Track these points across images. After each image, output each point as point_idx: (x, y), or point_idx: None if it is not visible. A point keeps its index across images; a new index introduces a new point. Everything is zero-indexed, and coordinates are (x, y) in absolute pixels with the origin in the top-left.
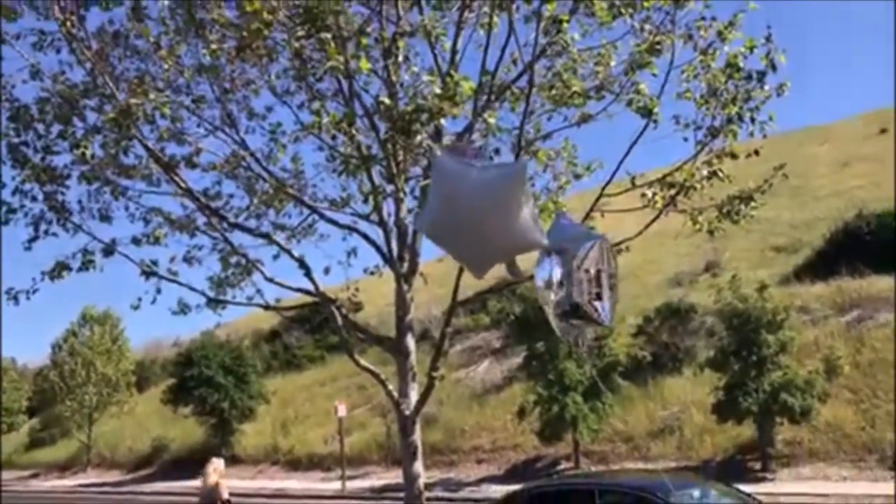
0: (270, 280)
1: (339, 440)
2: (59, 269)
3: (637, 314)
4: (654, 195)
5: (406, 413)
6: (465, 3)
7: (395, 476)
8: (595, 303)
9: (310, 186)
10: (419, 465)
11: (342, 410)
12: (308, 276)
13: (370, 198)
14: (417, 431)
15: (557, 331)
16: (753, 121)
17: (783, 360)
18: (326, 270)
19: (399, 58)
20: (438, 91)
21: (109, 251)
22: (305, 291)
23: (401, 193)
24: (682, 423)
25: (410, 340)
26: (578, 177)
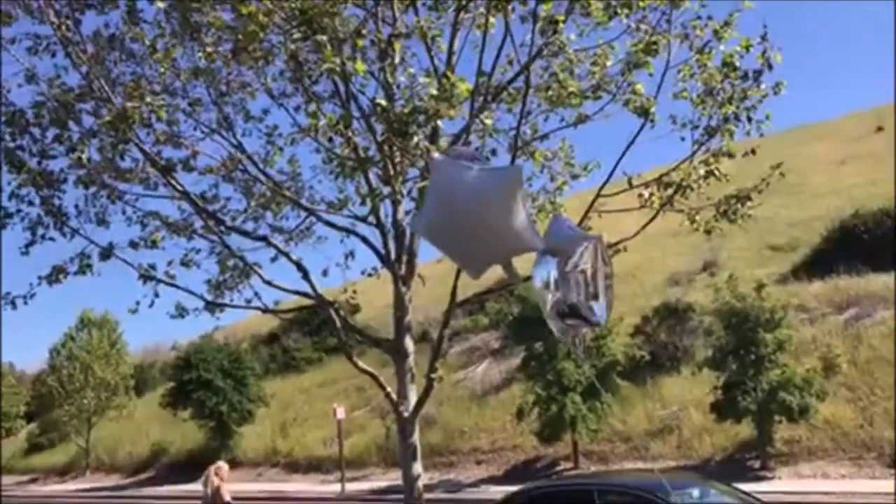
0: (268, 283)
1: (339, 442)
2: (57, 274)
3: (635, 314)
4: (652, 195)
5: (405, 415)
6: (461, 4)
7: (395, 478)
8: (591, 303)
9: (307, 189)
10: (418, 467)
11: (341, 413)
12: (306, 279)
13: (367, 200)
14: (416, 433)
15: (555, 331)
16: (750, 120)
17: (781, 359)
18: (324, 273)
19: (395, 59)
20: (435, 92)
21: (107, 255)
22: (303, 294)
23: (398, 195)
24: (681, 423)
25: (409, 342)
26: (576, 177)
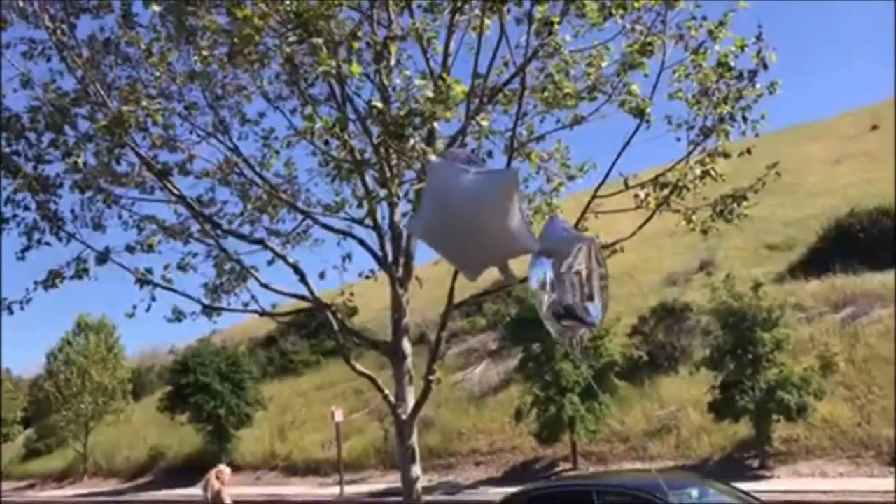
0: (265, 286)
1: (337, 445)
2: (53, 279)
3: (632, 314)
4: (648, 195)
5: (403, 417)
6: (457, 7)
7: (394, 480)
8: (586, 304)
9: (303, 191)
10: (417, 469)
11: (339, 415)
12: (303, 282)
13: (364, 202)
14: (415, 435)
15: (552, 332)
16: (745, 120)
17: (779, 358)
18: (322, 275)
19: (391, 62)
20: (431, 94)
21: (103, 259)
22: (301, 297)
23: (395, 197)
24: (680, 423)
25: (407, 344)
26: (572, 178)
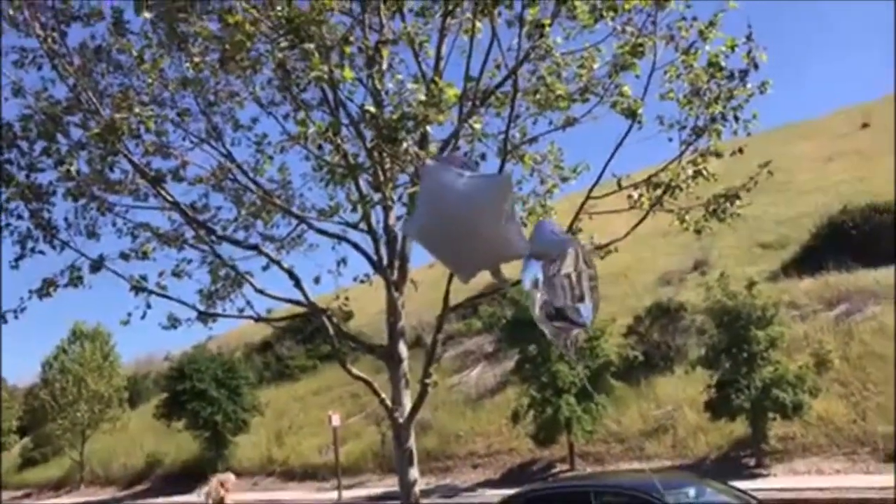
0: (260, 292)
1: (334, 450)
2: (47, 287)
3: (627, 314)
4: (641, 196)
5: (400, 420)
6: (448, 10)
7: (391, 484)
8: (578, 305)
9: (297, 196)
10: (415, 472)
11: (336, 420)
12: (298, 287)
13: (358, 206)
14: (412, 438)
15: (546, 334)
16: (737, 119)
17: (773, 356)
18: (317, 280)
19: (383, 66)
20: (423, 98)
21: (97, 267)
22: (296, 302)
23: (389, 201)
24: (676, 422)
25: (403, 347)
26: (565, 179)
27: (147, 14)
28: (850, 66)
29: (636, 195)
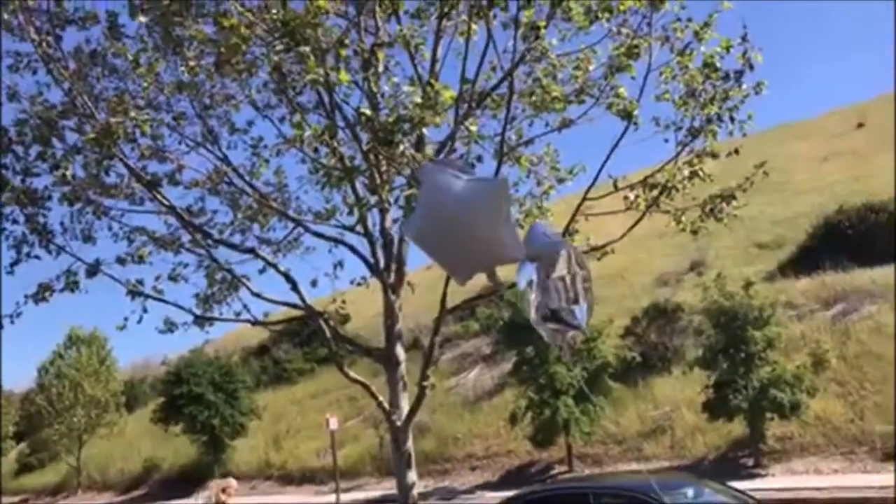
0: (257, 295)
1: (332, 453)
2: (43, 292)
3: (624, 315)
4: (637, 197)
5: (398, 423)
6: (444, 12)
7: (390, 487)
8: (572, 307)
9: (294, 199)
10: (413, 475)
11: (334, 423)
12: (295, 290)
13: (355, 209)
14: (410, 441)
15: (543, 335)
16: (733, 120)
17: (771, 356)
18: (314, 283)
19: (379, 68)
20: (419, 100)
21: (93, 272)
22: (293, 305)
23: (385, 204)
24: (674, 423)
25: (400, 350)
26: (562, 181)
27: (142, 18)
28: (845, 66)
29: (632, 196)
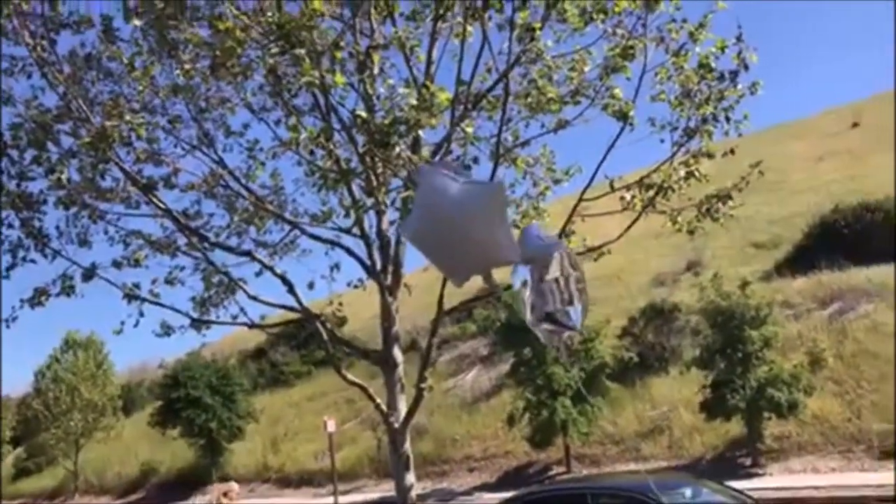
0: (254, 298)
1: (330, 455)
2: (39, 297)
3: (622, 316)
4: (633, 197)
5: (395, 425)
6: (439, 14)
7: (388, 489)
8: (567, 308)
9: (290, 202)
10: (411, 477)
11: (331, 426)
12: (291, 292)
13: (351, 211)
14: (408, 443)
15: (539, 336)
16: (728, 120)
17: (768, 356)
18: (310, 286)
19: (374, 71)
20: (415, 102)
21: (89, 276)
22: (289, 308)
23: (382, 206)
24: (672, 423)
25: (397, 352)
26: (558, 182)
27: (137, 21)
28: (840, 66)
29: (629, 197)
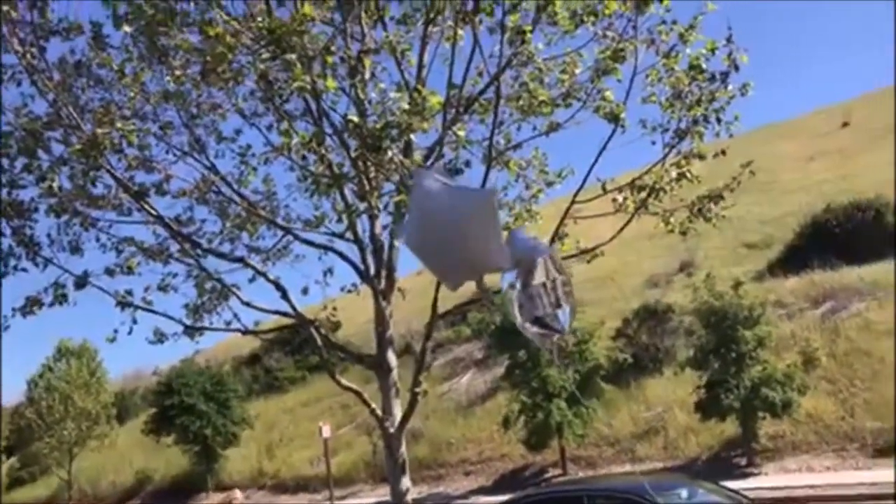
0: (247, 304)
1: (326, 461)
2: (31, 305)
3: (615, 317)
4: (626, 199)
5: (391, 430)
6: (430, 18)
7: (384, 494)
8: (555, 311)
9: (282, 207)
10: (407, 481)
11: (327, 431)
12: (285, 298)
13: (344, 216)
14: (403, 447)
15: (532, 339)
16: (719, 121)
17: (762, 355)
18: (304, 291)
19: (366, 75)
20: (406, 106)
21: (82, 283)
22: (283, 313)
23: (375, 210)
24: (667, 424)
25: (392, 356)
26: (550, 184)
27: (127, 28)
28: (830, 66)
29: (621, 198)
